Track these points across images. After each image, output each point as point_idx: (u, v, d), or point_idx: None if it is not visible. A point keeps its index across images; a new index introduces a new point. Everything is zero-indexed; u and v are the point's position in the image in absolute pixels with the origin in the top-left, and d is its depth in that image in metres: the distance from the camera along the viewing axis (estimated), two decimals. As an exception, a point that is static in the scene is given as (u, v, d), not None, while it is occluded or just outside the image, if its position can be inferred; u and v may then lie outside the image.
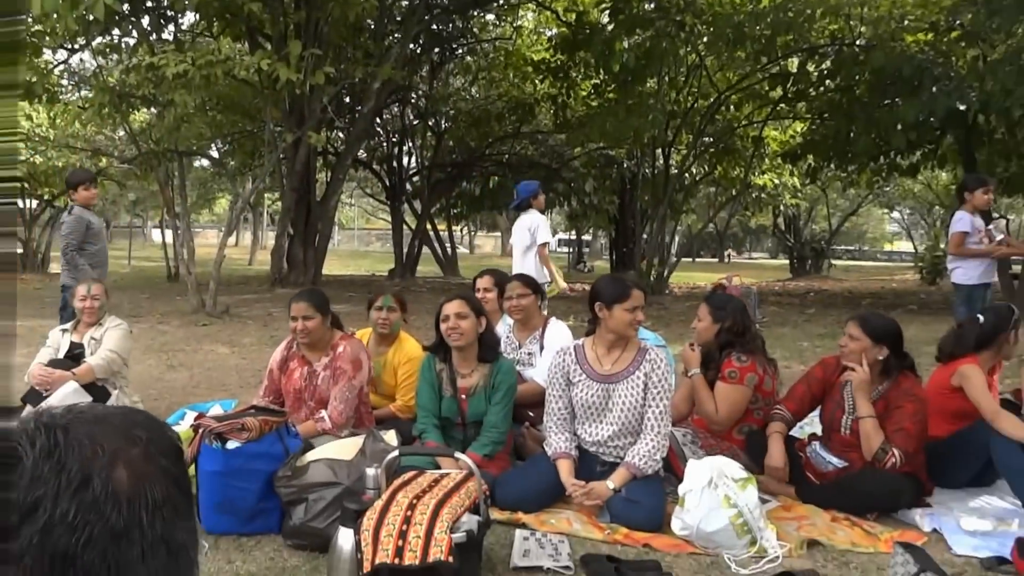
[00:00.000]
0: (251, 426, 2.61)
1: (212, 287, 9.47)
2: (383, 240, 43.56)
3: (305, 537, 2.55)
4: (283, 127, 11.92)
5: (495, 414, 3.17)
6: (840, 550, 2.69)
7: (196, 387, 5.32)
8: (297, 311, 3.26)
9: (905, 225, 37.51)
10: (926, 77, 9.65)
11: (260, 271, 18.75)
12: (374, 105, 13.51)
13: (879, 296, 14.43)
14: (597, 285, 3.19)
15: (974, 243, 5.75)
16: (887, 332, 3.11)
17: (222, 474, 2.61)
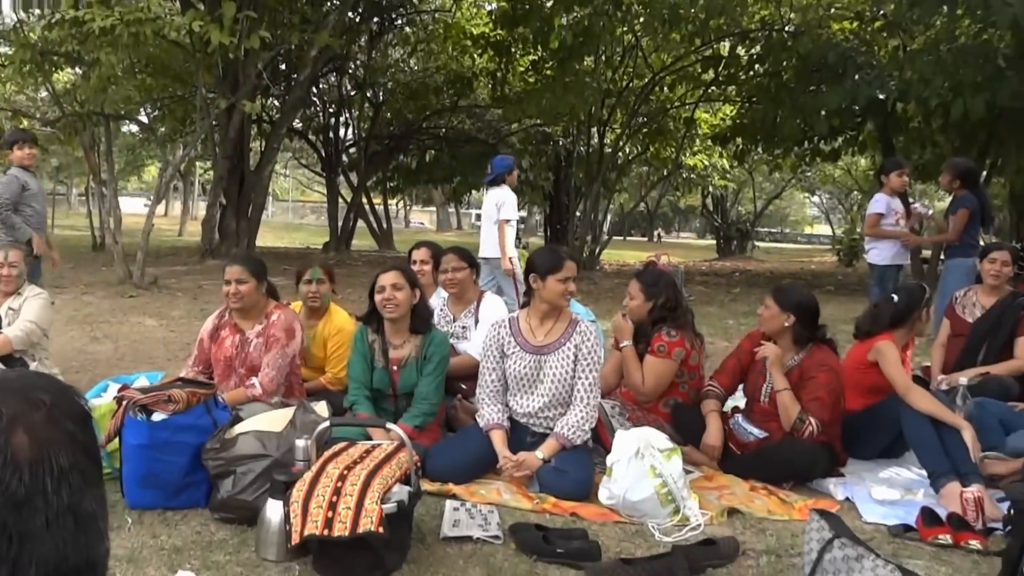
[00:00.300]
0: (178, 398, 2.54)
1: (140, 257, 9.11)
2: (318, 213, 42.61)
3: (233, 510, 2.50)
4: (216, 93, 11.44)
5: (426, 385, 3.17)
6: (757, 518, 2.81)
7: (121, 360, 5.15)
8: (231, 274, 3.18)
9: (824, 209, 39.09)
10: (850, 65, 10.01)
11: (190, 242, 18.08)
12: (311, 73, 13.08)
13: (798, 277, 15.01)
14: (533, 256, 3.23)
15: (889, 224, 6.05)
16: (795, 302, 3.25)
17: (147, 447, 2.54)
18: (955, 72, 8.66)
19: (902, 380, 3.22)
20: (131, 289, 8.60)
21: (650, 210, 33.39)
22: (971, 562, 2.46)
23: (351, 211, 18.63)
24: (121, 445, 2.59)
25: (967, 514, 2.67)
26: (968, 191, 5.77)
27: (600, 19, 11.72)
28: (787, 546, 2.54)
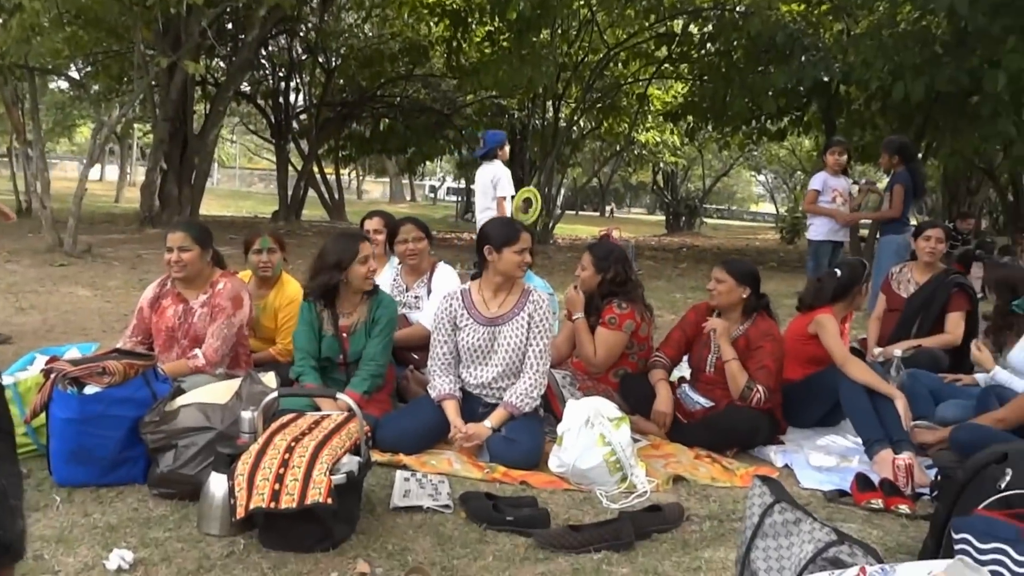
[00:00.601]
0: (113, 370, 2.43)
1: (71, 224, 8.72)
2: (267, 181, 41.50)
3: (173, 485, 2.43)
4: (156, 50, 10.92)
5: (373, 347, 3.14)
6: (702, 484, 2.89)
7: (50, 331, 4.93)
8: (173, 241, 3.06)
9: (769, 188, 40.01)
10: (796, 47, 10.22)
11: (128, 209, 17.43)
12: (259, 34, 12.63)
13: (743, 253, 15.39)
14: (486, 228, 3.23)
15: (825, 202, 6.28)
16: (748, 274, 3.35)
17: (77, 421, 2.42)
18: (895, 56, 8.91)
19: (840, 352, 3.34)
20: (61, 257, 8.23)
21: (602, 185, 33.58)
22: (900, 525, 2.58)
23: (301, 180, 18.22)
24: (48, 420, 2.47)
25: (898, 480, 2.80)
26: (905, 167, 5.99)
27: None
28: (729, 511, 2.62)
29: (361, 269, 3.11)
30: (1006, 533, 1.61)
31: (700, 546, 2.34)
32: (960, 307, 4.05)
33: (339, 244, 3.15)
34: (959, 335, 4.03)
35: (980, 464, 1.90)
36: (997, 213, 19.20)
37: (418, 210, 36.47)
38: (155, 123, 12.29)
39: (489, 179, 6.08)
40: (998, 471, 1.85)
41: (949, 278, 4.15)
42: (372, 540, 2.27)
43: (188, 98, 12.80)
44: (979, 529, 1.63)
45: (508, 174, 6.16)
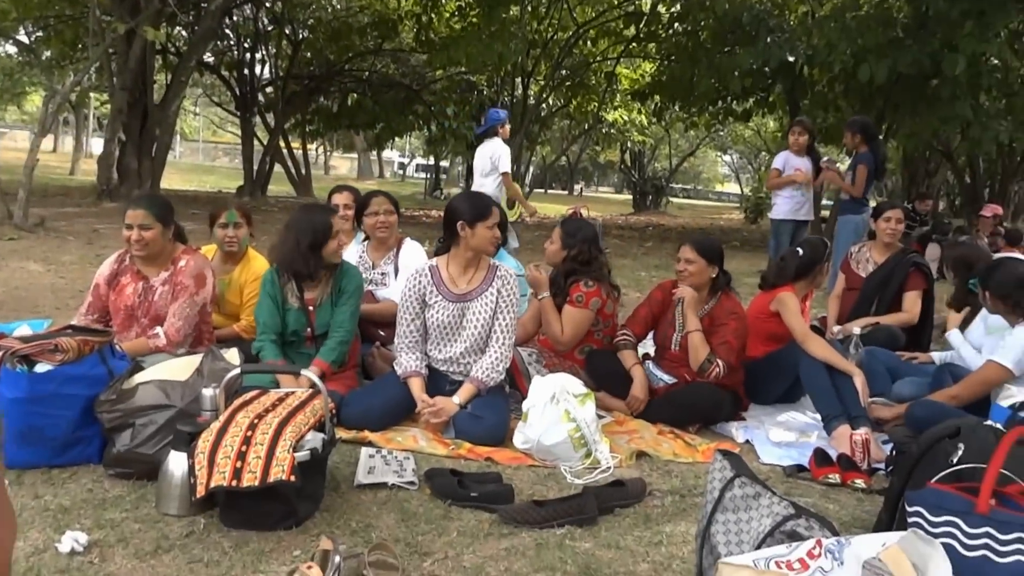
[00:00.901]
0: (66, 347, 2.34)
1: (21, 196, 8.38)
2: (231, 155, 40.62)
3: (131, 465, 2.36)
4: (113, 16, 10.54)
5: (341, 313, 3.12)
6: (664, 460, 2.93)
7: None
8: (133, 219, 2.94)
9: (735, 168, 40.47)
10: (762, 28, 10.30)
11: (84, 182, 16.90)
12: (222, 3, 12.24)
13: (708, 232, 15.57)
14: (456, 204, 3.17)
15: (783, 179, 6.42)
16: (716, 252, 3.38)
17: (26, 401, 2.33)
18: (859, 38, 9.04)
19: (801, 329, 3.40)
20: (11, 231, 7.94)
21: (571, 164, 33.60)
22: (856, 499, 2.65)
23: (267, 154, 17.89)
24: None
25: (855, 455, 2.87)
26: (867, 147, 6.11)
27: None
28: (690, 486, 2.67)
29: (333, 244, 3.07)
30: (957, 506, 1.65)
31: (662, 520, 2.38)
32: (917, 286, 4.15)
33: (313, 222, 3.08)
34: (916, 313, 4.14)
35: (933, 439, 1.95)
36: (954, 195, 19.66)
37: (386, 186, 35.94)
38: (113, 92, 11.91)
39: (489, 156, 6.11)
40: (951, 446, 1.90)
41: (906, 258, 4.24)
42: (336, 517, 2.26)
43: (148, 67, 12.40)
44: (931, 502, 1.67)
45: (508, 151, 6.23)
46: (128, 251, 3.07)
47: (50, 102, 9.46)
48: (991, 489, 1.60)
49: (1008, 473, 1.69)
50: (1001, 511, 1.63)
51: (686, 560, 2.10)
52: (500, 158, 6.08)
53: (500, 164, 6.06)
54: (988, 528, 1.60)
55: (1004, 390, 2.69)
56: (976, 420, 2.02)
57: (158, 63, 14.49)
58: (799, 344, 3.33)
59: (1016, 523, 1.59)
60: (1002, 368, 2.91)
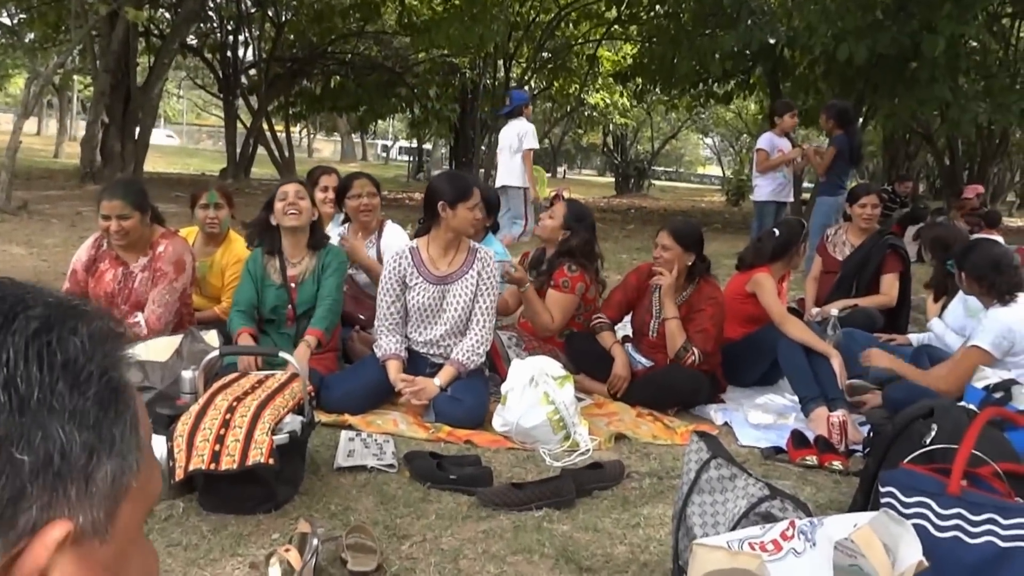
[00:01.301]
0: None
1: (4, 178, 8.28)
2: (215, 138, 40.17)
3: None
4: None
5: (328, 285, 3.12)
6: (643, 443, 2.95)
7: (-22, 293, 4.72)
8: (110, 209, 2.89)
9: (716, 151, 40.56)
10: (743, 10, 10.29)
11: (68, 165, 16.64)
12: (206, -16, 12.12)
13: (690, 215, 15.56)
14: (436, 184, 3.16)
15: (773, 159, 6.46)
16: (694, 239, 3.36)
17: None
18: (839, 21, 9.05)
19: (778, 310, 3.43)
20: None
21: (553, 147, 33.49)
22: (833, 481, 2.68)
23: (250, 137, 17.70)
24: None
25: (832, 437, 2.90)
26: (843, 131, 6.16)
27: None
28: (668, 469, 2.69)
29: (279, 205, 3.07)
30: (929, 486, 1.67)
31: (639, 503, 2.40)
32: (894, 268, 4.19)
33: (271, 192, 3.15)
34: (894, 296, 4.18)
35: (908, 419, 1.98)
36: (934, 177, 19.82)
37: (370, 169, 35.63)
38: (96, 75, 11.74)
39: (516, 134, 6.32)
40: (924, 426, 1.92)
41: (883, 240, 4.28)
42: (315, 500, 2.26)
43: (131, 49, 12.22)
44: (903, 483, 1.69)
45: (533, 129, 6.51)
46: (104, 235, 3.04)
47: (33, 84, 9.30)
48: (962, 470, 1.62)
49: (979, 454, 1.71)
50: (972, 492, 1.65)
51: (663, 542, 2.12)
52: (526, 135, 6.34)
53: (525, 140, 6.30)
54: (959, 509, 1.62)
55: (978, 371, 2.72)
56: (950, 401, 2.04)
57: (141, 45, 14.27)
58: (777, 326, 3.35)
59: (987, 504, 1.61)
60: (984, 352, 2.93)
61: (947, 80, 9.23)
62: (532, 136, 6.39)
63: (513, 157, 6.33)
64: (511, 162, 6.34)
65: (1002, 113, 9.36)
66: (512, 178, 6.36)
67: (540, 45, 14.87)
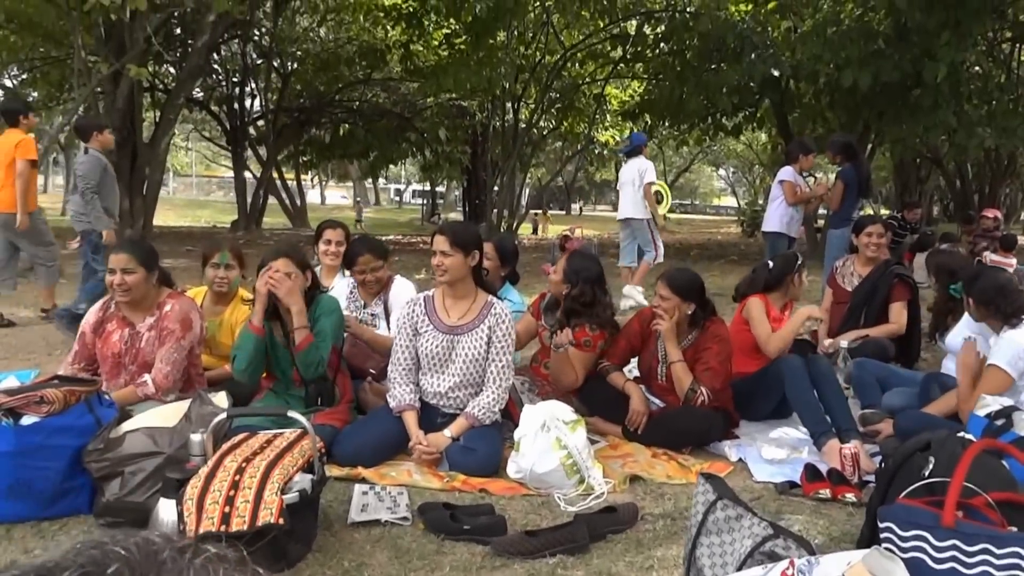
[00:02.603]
0: (53, 398, 2.35)
1: None
2: (225, 189, 40.86)
3: (121, 514, 2.35)
4: (98, 56, 10.60)
5: (324, 325, 3.12)
6: (658, 483, 2.93)
7: (-11, 357, 4.68)
8: (117, 263, 2.95)
9: (730, 182, 40.76)
10: (746, 45, 10.44)
11: None
12: (209, 39, 12.33)
13: (705, 248, 15.56)
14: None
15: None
16: (691, 288, 3.37)
17: (13, 454, 2.33)
18: (841, 51, 9.17)
19: (763, 332, 3.51)
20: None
21: (567, 184, 33.82)
22: (847, 514, 2.65)
23: (260, 187, 17.99)
24: (-18, 454, 2.35)
25: (845, 469, 2.88)
26: (850, 164, 6.21)
27: (512, -7, 11.72)
28: (682, 509, 2.66)
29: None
30: (925, 520, 1.67)
31: (653, 545, 2.38)
32: (902, 297, 4.20)
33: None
34: (903, 324, 4.18)
35: (907, 453, 1.97)
36: (947, 200, 19.77)
37: (384, 213, 36.15)
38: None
39: (637, 171, 6.83)
40: (922, 459, 1.92)
41: (889, 270, 4.29)
42: (328, 557, 2.26)
43: (136, 105, 12.47)
44: (900, 517, 1.70)
45: (652, 165, 7.01)
46: (112, 297, 3.07)
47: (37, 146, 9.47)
48: (955, 502, 1.63)
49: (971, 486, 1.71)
50: (967, 523, 1.65)
51: (676, 585, 2.11)
52: (647, 171, 6.86)
53: (647, 175, 6.82)
54: (955, 541, 1.63)
55: (980, 399, 2.72)
56: (946, 432, 2.04)
57: (146, 101, 14.55)
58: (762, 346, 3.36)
59: (981, 535, 1.62)
60: (1003, 371, 2.93)
61: (951, 106, 9.30)
62: (652, 171, 6.94)
63: (636, 192, 6.85)
64: (634, 196, 6.87)
65: (1007, 137, 9.38)
66: (636, 211, 6.92)
67: (547, 86, 15.08)
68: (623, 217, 7.11)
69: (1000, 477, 1.79)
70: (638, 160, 6.97)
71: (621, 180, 7.18)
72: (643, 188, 6.82)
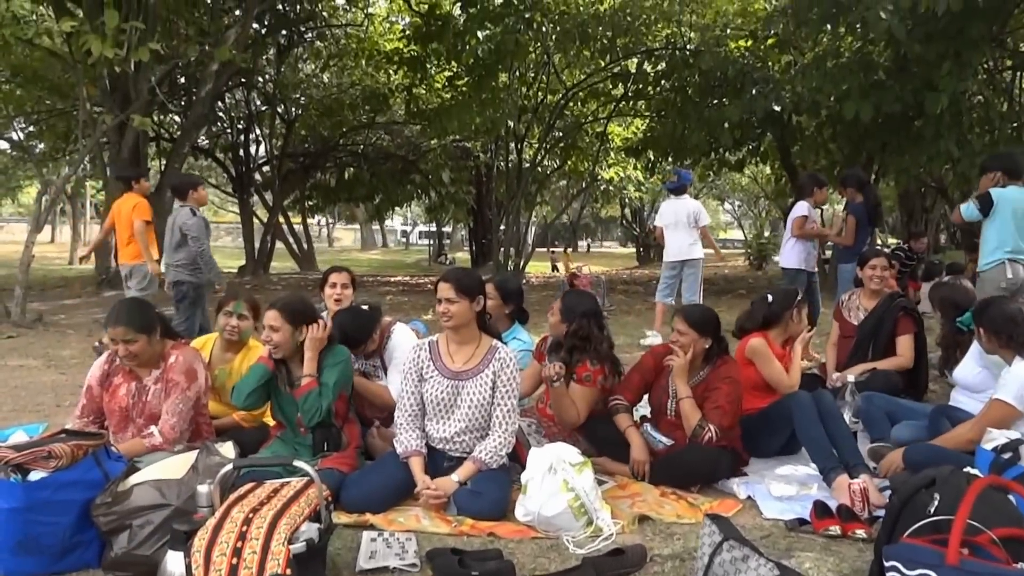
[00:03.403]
0: (60, 453, 2.36)
1: (18, 293, 8.35)
2: (233, 234, 41.18)
3: (129, 567, 2.35)
4: (103, 107, 10.75)
5: (327, 377, 3.15)
6: (667, 523, 2.91)
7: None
8: (116, 335, 2.96)
9: (736, 215, 40.91)
10: (747, 80, 10.57)
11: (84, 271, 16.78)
12: (213, 88, 12.52)
13: (712, 283, 15.49)
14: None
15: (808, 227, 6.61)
16: (708, 323, 3.40)
17: (21, 510, 2.33)
18: (842, 83, 9.28)
19: (777, 371, 3.56)
20: (10, 329, 7.90)
21: (572, 221, 34.00)
22: (856, 550, 2.62)
23: (267, 233, 18.15)
24: (-9, 511, 2.36)
25: (854, 505, 2.86)
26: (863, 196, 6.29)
27: (512, 36, 11.92)
28: (691, 549, 2.64)
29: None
30: (930, 559, 1.66)
31: (662, 587, 2.36)
32: (908, 330, 4.20)
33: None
34: (910, 357, 4.18)
35: (911, 491, 1.97)
36: (953, 227, 19.80)
37: (390, 255, 36.40)
38: (107, 182, 11.98)
39: (688, 212, 7.01)
40: (927, 496, 1.91)
41: (895, 303, 4.30)
42: (336, 606, 2.25)
43: (141, 155, 12.48)
44: (905, 556, 1.69)
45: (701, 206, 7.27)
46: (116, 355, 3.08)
47: (44, 197, 9.57)
48: (959, 540, 1.62)
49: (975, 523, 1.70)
50: (971, 561, 1.64)
51: (685, 629, 2.09)
52: (700, 213, 7.06)
53: (700, 218, 7.02)
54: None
55: (986, 433, 2.70)
56: (950, 468, 2.03)
57: (152, 150, 14.70)
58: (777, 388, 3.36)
59: (986, 572, 1.61)
60: (1009, 406, 2.93)
61: (953, 136, 9.37)
62: (705, 213, 7.15)
63: (690, 232, 6.97)
64: (688, 237, 7.01)
65: (1010, 166, 9.40)
66: (693, 251, 7.05)
67: (550, 125, 15.25)
68: (680, 259, 7.10)
69: (1005, 513, 1.78)
70: (685, 200, 7.09)
71: (666, 220, 7.15)
72: (701, 231, 7.03)
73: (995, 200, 4.59)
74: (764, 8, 11.77)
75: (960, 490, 1.78)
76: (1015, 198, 4.59)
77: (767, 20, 10.93)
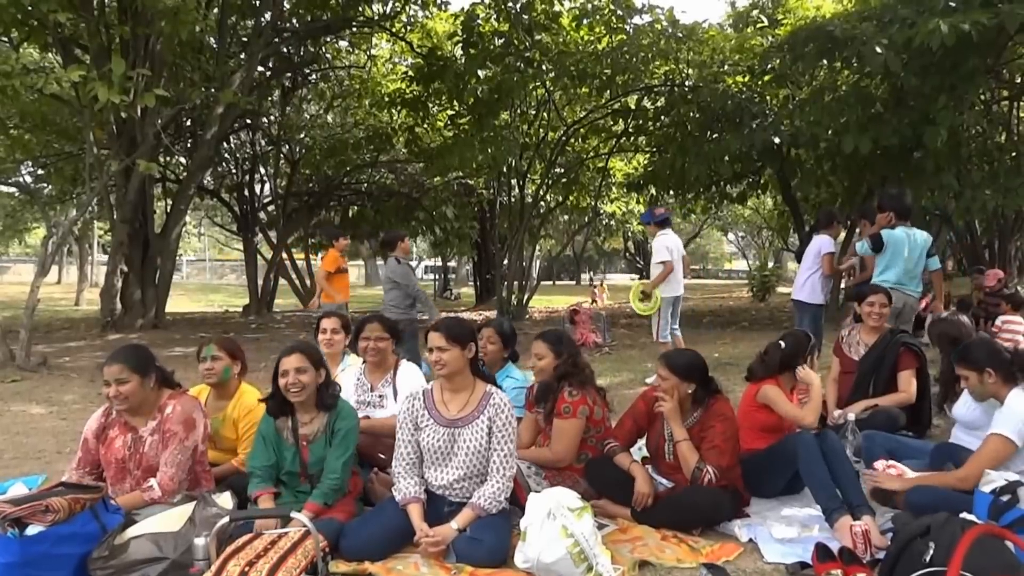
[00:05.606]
0: (57, 507, 2.36)
1: (23, 336, 8.31)
2: (238, 272, 41.38)
3: None
4: (110, 151, 10.84)
5: (334, 460, 3.12)
6: (667, 567, 2.88)
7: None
8: (109, 374, 2.96)
9: (740, 246, 41.02)
10: (745, 114, 10.67)
11: (89, 312, 16.77)
12: (218, 131, 12.70)
13: (717, 314, 15.47)
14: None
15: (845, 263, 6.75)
16: (691, 368, 3.38)
17: (18, 565, 2.32)
18: (840, 116, 9.37)
19: (792, 411, 3.54)
20: (13, 372, 7.85)
21: (576, 254, 34.11)
22: (859, 595, 2.59)
23: (271, 271, 18.22)
24: (-13, 566, 2.36)
25: (856, 547, 2.83)
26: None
27: (512, 75, 12.11)
28: (692, 596, 2.62)
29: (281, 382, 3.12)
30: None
31: (662, 636, 2.33)
32: (909, 365, 4.18)
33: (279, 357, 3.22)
34: (912, 392, 4.15)
35: (907, 539, 1.95)
36: (959, 255, 19.80)
37: (395, 290, 36.25)
38: (113, 225, 12.10)
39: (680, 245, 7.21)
40: (922, 545, 1.89)
41: (895, 338, 4.29)
42: (333, 660, 2.23)
43: (147, 197, 12.66)
44: (903, 607, 1.66)
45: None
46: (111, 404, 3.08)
47: (50, 241, 9.63)
48: (953, 590, 1.60)
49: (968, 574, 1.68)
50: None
51: None
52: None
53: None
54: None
55: (984, 475, 2.68)
56: (945, 515, 2.01)
57: (157, 191, 14.80)
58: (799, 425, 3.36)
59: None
60: (1007, 440, 2.90)
61: (952, 168, 9.42)
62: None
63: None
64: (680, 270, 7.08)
65: (1010, 197, 9.41)
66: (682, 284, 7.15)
67: (552, 161, 15.38)
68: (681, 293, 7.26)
69: (1002, 561, 1.76)
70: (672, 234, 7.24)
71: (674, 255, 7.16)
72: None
73: (885, 241, 5.60)
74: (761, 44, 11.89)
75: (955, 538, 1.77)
76: (900, 239, 5.60)
77: (764, 56, 11.08)
